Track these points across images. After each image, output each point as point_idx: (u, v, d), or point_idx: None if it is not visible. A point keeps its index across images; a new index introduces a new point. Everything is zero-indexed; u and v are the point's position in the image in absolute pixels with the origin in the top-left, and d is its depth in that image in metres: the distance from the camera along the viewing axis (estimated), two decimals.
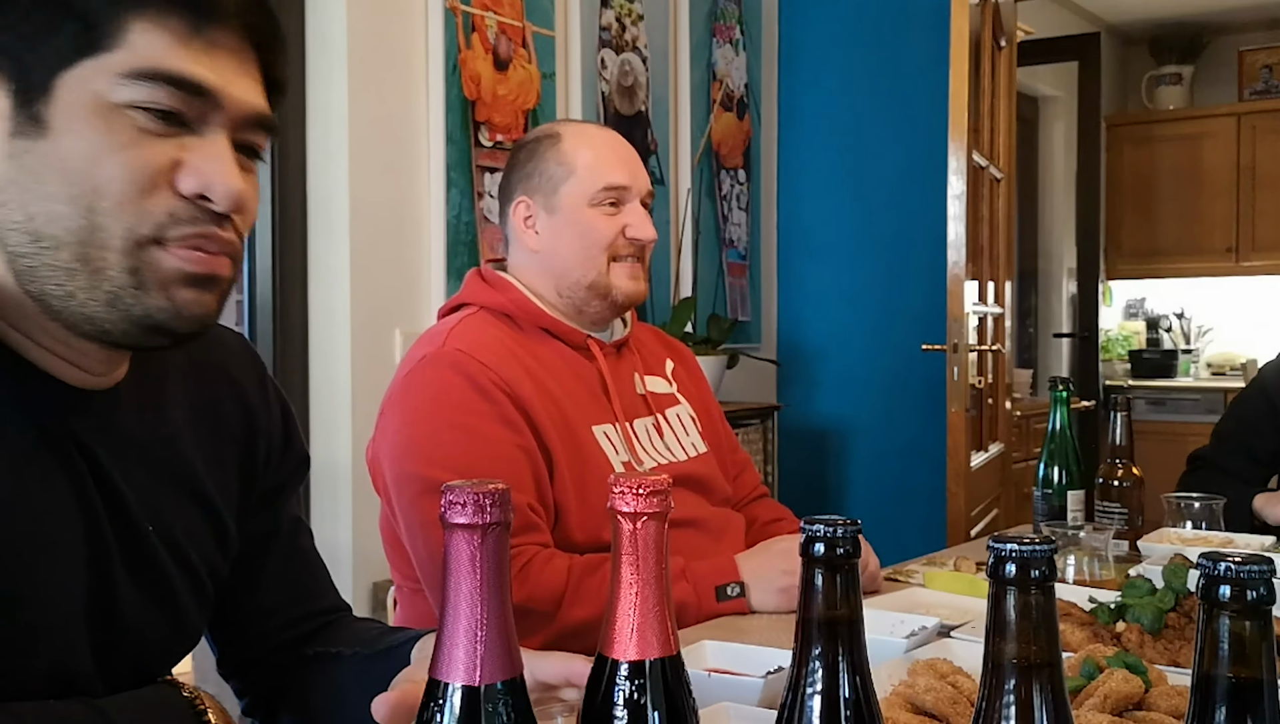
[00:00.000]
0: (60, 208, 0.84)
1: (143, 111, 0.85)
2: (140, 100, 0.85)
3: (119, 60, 0.84)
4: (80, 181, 0.84)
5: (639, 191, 1.74)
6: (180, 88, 0.86)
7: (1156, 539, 1.80)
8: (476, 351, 1.61)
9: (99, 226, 0.85)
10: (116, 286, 0.86)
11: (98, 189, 0.84)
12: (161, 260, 0.87)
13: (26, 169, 0.84)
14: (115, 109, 0.85)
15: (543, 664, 0.96)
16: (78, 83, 0.84)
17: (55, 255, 0.85)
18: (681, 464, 1.76)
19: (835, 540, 0.65)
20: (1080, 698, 1.05)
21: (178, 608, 1.02)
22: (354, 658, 1.12)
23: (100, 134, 0.84)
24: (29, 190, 0.84)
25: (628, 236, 1.72)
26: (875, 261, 4.33)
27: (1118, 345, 6.95)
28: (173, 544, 1.01)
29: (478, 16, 3.10)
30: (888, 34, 4.27)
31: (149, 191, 0.86)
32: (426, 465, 1.55)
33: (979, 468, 3.46)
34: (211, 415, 1.08)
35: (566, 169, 1.72)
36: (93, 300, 0.86)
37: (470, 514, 0.59)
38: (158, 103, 0.85)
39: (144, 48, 0.85)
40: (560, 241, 1.73)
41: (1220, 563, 0.60)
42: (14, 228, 0.85)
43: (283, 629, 1.18)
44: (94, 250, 0.85)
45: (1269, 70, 6.61)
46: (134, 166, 0.85)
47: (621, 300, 1.74)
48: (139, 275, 0.86)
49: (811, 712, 0.65)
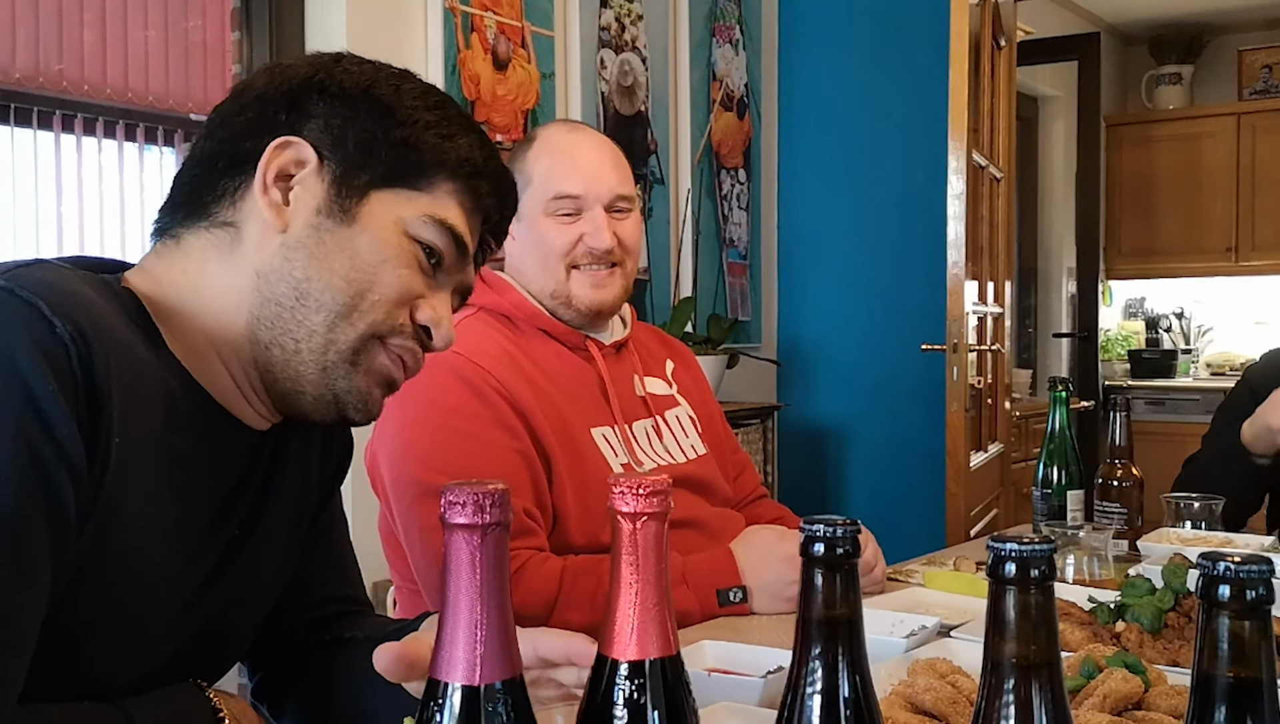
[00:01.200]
0: (338, 282, 1.00)
1: (424, 248, 1.03)
2: (427, 239, 1.03)
3: (426, 202, 1.03)
4: (363, 272, 1.00)
5: (599, 197, 1.70)
6: (454, 242, 1.04)
7: (1156, 539, 1.80)
8: (475, 355, 1.61)
9: (357, 309, 1.00)
10: (335, 359, 1.01)
11: (373, 284, 1.01)
12: (377, 355, 1.03)
13: (322, 242, 1.00)
14: (407, 237, 1.02)
15: (545, 640, 0.97)
16: (388, 203, 1.02)
17: (311, 316, 1.00)
18: (681, 466, 1.75)
19: (835, 540, 0.65)
20: (1080, 698, 1.05)
21: (250, 623, 1.12)
22: (365, 642, 1.14)
23: (391, 248, 1.01)
24: (318, 259, 1.00)
25: (586, 245, 1.70)
26: (875, 261, 4.33)
27: (1117, 345, 6.95)
28: (270, 565, 1.10)
29: (477, 17, 3.10)
30: (888, 34, 4.27)
31: (401, 306, 1.03)
32: (424, 470, 1.55)
33: (978, 468, 3.46)
34: (323, 439, 1.18)
35: (525, 177, 1.70)
36: (311, 361, 1.01)
37: (470, 515, 0.59)
38: (437, 246, 1.03)
39: (445, 203, 1.04)
40: (524, 250, 1.73)
41: (1220, 563, 0.60)
42: (287, 281, 1.00)
43: (301, 612, 1.21)
44: (341, 325, 1.00)
45: (1269, 70, 6.61)
46: (404, 284, 1.02)
47: (584, 309, 1.72)
48: (357, 358, 1.01)
49: (811, 711, 0.65)
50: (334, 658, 1.17)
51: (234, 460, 1.04)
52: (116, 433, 0.88)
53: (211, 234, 1.02)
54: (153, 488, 0.93)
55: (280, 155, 1.01)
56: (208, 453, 1.01)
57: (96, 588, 0.90)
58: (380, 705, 1.06)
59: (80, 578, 0.88)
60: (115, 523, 0.90)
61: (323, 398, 1.02)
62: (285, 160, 1.01)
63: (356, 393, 1.02)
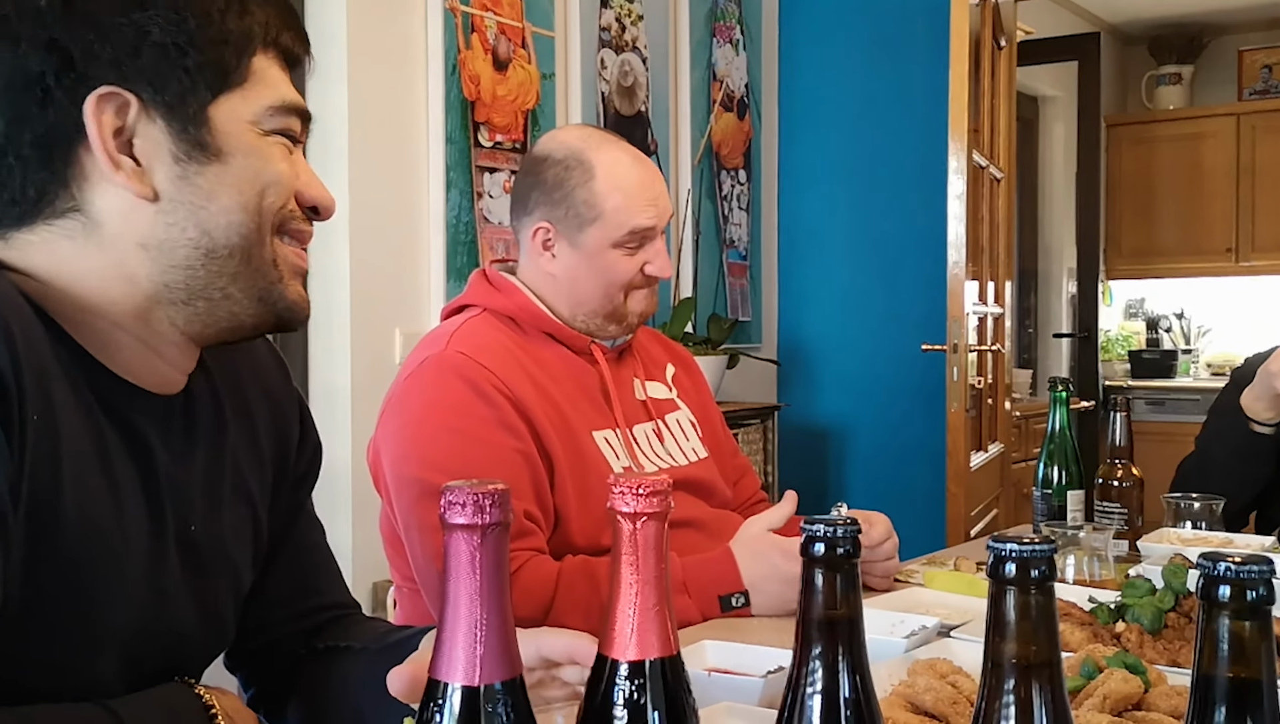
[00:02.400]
0: (236, 217, 0.95)
1: (280, 136, 0.98)
2: (282, 128, 0.98)
3: (259, 94, 0.97)
4: (251, 191, 0.96)
5: (662, 227, 1.75)
6: (300, 116, 1.00)
7: (1156, 539, 1.80)
8: (479, 355, 1.61)
9: (261, 226, 0.97)
10: (268, 281, 0.98)
11: (264, 190, 0.96)
12: (286, 254, 1.00)
13: (198, 189, 0.94)
14: (265, 135, 0.97)
15: (548, 639, 0.97)
16: (229, 112, 0.95)
17: (225, 263, 0.95)
18: (682, 468, 1.76)
19: (835, 540, 0.65)
20: (1080, 698, 1.05)
21: (219, 607, 1.07)
22: (362, 652, 1.13)
23: (262, 155, 0.97)
24: (201, 209, 0.94)
25: (645, 273, 1.73)
26: (875, 261, 4.33)
27: (1117, 345, 6.95)
28: (219, 544, 1.05)
29: (477, 17, 3.10)
30: (888, 34, 4.27)
31: (288, 199, 0.99)
32: (425, 469, 1.55)
33: (978, 468, 3.46)
34: (248, 412, 1.13)
35: (594, 211, 1.69)
36: (246, 298, 0.97)
37: (470, 514, 0.59)
38: (292, 130, 0.99)
39: (271, 83, 0.98)
40: (580, 275, 1.73)
41: (1220, 563, 0.60)
42: (185, 243, 0.94)
43: (290, 622, 1.19)
44: (256, 248, 0.97)
45: (1269, 70, 6.61)
46: (285, 178, 0.98)
47: (635, 322, 1.78)
48: (278, 266, 0.98)
49: (811, 712, 0.65)
50: (330, 667, 1.15)
51: (149, 428, 0.98)
52: (32, 410, 0.85)
53: (52, 227, 0.93)
54: (82, 464, 0.90)
55: (104, 119, 0.91)
56: (122, 424, 0.95)
57: (48, 575, 0.88)
58: (381, 713, 1.06)
59: (30, 566, 0.86)
60: (49, 504, 0.87)
61: (264, 319, 1.00)
62: (111, 120, 0.91)
63: (294, 304, 1.01)
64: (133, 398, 0.96)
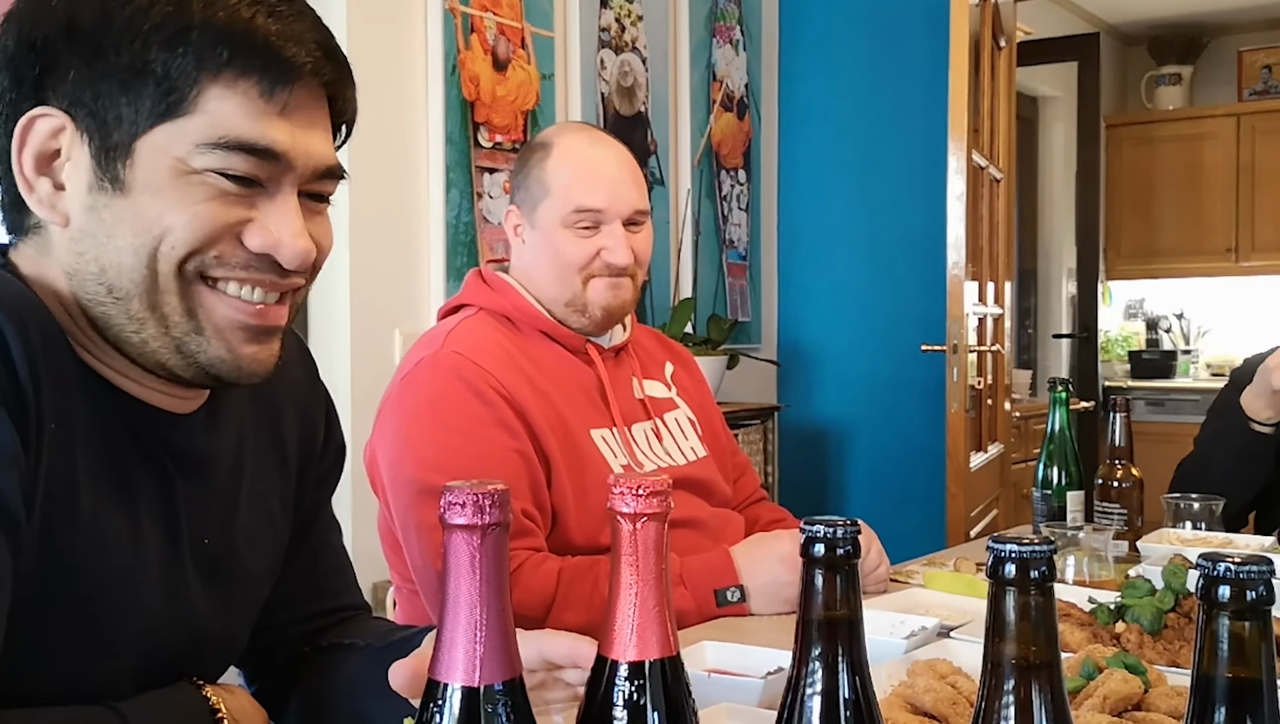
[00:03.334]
0: (128, 260, 0.88)
1: (218, 176, 0.88)
2: (218, 167, 0.88)
3: (197, 127, 0.87)
4: (145, 233, 0.87)
5: (619, 213, 1.70)
6: (255, 154, 0.88)
7: (1156, 540, 1.80)
8: (475, 355, 1.61)
9: (158, 272, 0.88)
10: (181, 333, 0.90)
11: (160, 237, 0.87)
12: (214, 306, 0.90)
13: (102, 222, 0.88)
14: (193, 173, 0.87)
15: (550, 642, 0.96)
16: (158, 147, 0.87)
17: (127, 306, 0.89)
18: (681, 467, 1.76)
19: (835, 541, 0.65)
20: (1080, 698, 1.05)
21: (234, 616, 1.07)
22: (365, 649, 1.13)
23: (176, 197, 0.87)
24: (102, 244, 0.88)
25: (604, 260, 1.70)
26: (875, 262, 4.33)
27: (1117, 346, 6.95)
28: (235, 556, 1.05)
29: (477, 17, 3.10)
30: (888, 34, 4.27)
31: (211, 244, 0.89)
32: (423, 469, 1.55)
33: (978, 468, 3.46)
34: (273, 416, 1.12)
35: (544, 187, 1.71)
36: (164, 347, 0.90)
37: (470, 515, 0.59)
38: (234, 169, 0.88)
39: (221, 115, 0.87)
40: (539, 258, 1.73)
41: (1219, 563, 0.60)
42: (90, 277, 0.89)
43: (301, 622, 1.19)
44: (157, 296, 0.88)
45: (1268, 70, 6.61)
46: (201, 221, 0.88)
47: (600, 316, 1.72)
48: (196, 319, 0.90)
49: (811, 712, 0.65)
50: (335, 664, 1.15)
51: (166, 444, 0.97)
52: (50, 419, 0.85)
53: (29, 242, 0.92)
54: (97, 476, 0.90)
55: (29, 139, 0.88)
56: (139, 439, 0.94)
57: (61, 583, 0.88)
58: (382, 711, 1.05)
59: (43, 574, 0.86)
60: (65, 514, 0.87)
61: (196, 376, 0.92)
62: (38, 142, 0.88)
63: (221, 362, 0.91)
64: (146, 417, 0.96)
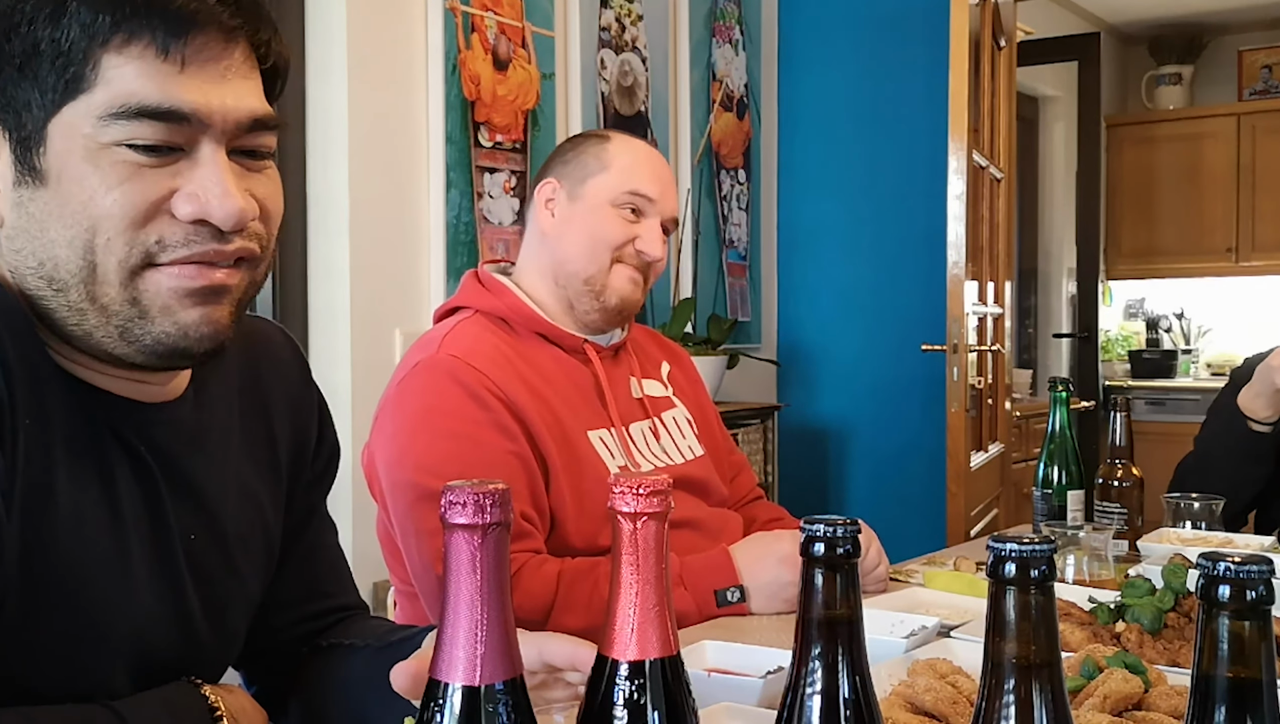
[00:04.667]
0: (63, 252, 0.86)
1: (129, 148, 0.85)
2: (125, 138, 0.85)
3: (99, 100, 0.85)
4: (77, 225, 0.85)
5: (663, 211, 1.75)
6: (160, 118, 0.85)
7: (1156, 539, 1.80)
8: (471, 357, 1.61)
9: (97, 264, 0.86)
10: (124, 320, 0.88)
11: (93, 228, 0.85)
12: (159, 283, 0.88)
13: (31, 217, 0.87)
14: (104, 149, 0.85)
15: (550, 645, 0.96)
16: (67, 128, 0.85)
17: (66, 297, 0.87)
18: (678, 467, 1.75)
19: (835, 540, 0.65)
20: (1080, 698, 1.05)
21: (226, 615, 1.06)
22: (365, 649, 1.13)
23: (93, 176, 0.85)
24: (36, 238, 0.87)
25: (636, 248, 1.73)
26: (875, 261, 4.33)
27: (1117, 345, 6.95)
28: (225, 553, 1.04)
29: (477, 17, 3.10)
30: (888, 34, 4.27)
31: (143, 223, 0.86)
32: (420, 473, 1.54)
33: (979, 468, 3.46)
34: (264, 415, 1.11)
35: (601, 164, 1.75)
36: (107, 336, 0.88)
37: (470, 514, 0.59)
38: (142, 138, 0.85)
39: (120, 83, 0.85)
40: (571, 229, 1.73)
41: (1219, 563, 0.60)
42: (29, 272, 0.88)
43: (298, 623, 1.19)
44: (96, 287, 0.87)
45: (1269, 70, 6.61)
46: (126, 202, 0.85)
47: (615, 303, 1.73)
48: (140, 304, 0.88)
49: (811, 712, 0.65)
50: (334, 665, 1.15)
51: (148, 437, 0.96)
52: (24, 415, 0.84)
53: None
54: (78, 471, 0.90)
55: None
56: (120, 433, 0.93)
57: (45, 581, 0.87)
58: (382, 711, 1.05)
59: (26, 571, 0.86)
60: (45, 509, 0.86)
61: (146, 359, 0.90)
62: None
63: (167, 336, 0.89)
64: (120, 409, 0.94)
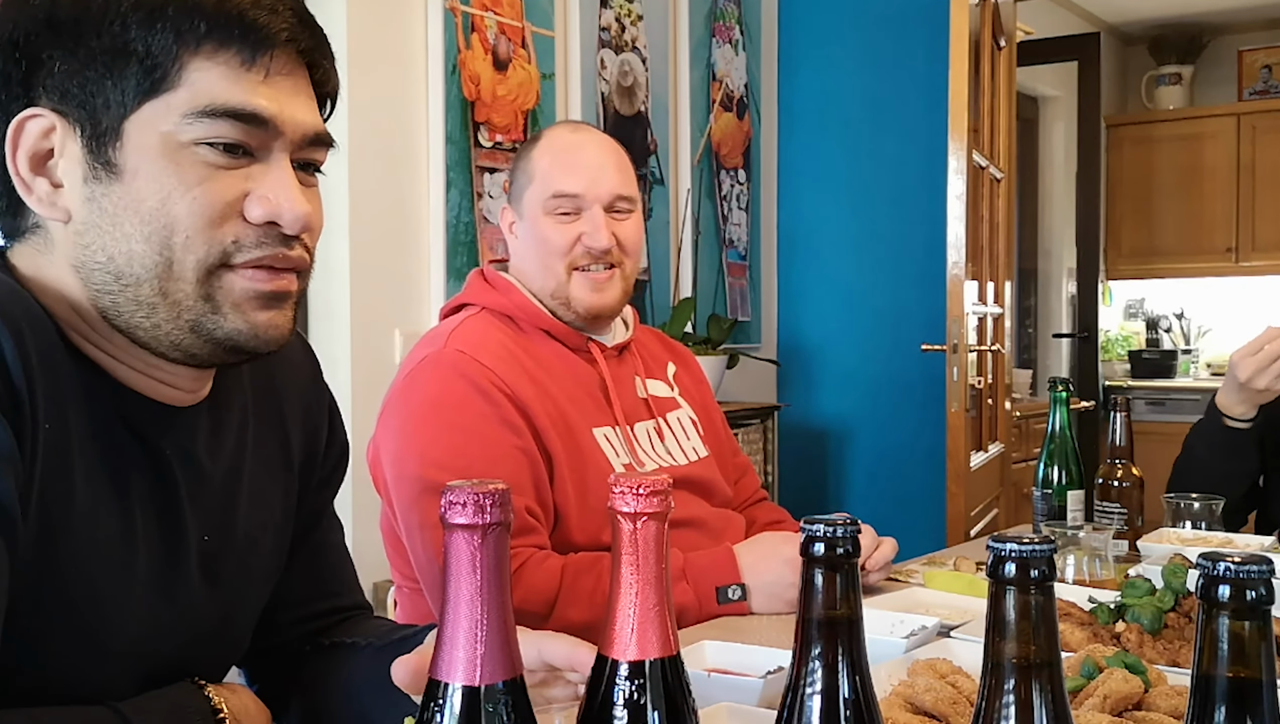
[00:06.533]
0: (138, 247, 0.89)
1: (209, 147, 0.89)
2: (206, 137, 0.89)
3: (182, 99, 0.88)
4: (155, 221, 0.88)
5: (598, 198, 1.70)
6: (242, 120, 0.90)
7: (1156, 539, 1.80)
8: (478, 353, 1.61)
9: (174, 261, 0.89)
10: (196, 315, 0.91)
11: (171, 226, 0.88)
12: (232, 283, 0.91)
13: (104, 212, 0.89)
14: (183, 147, 0.89)
15: (550, 645, 0.96)
16: (146, 125, 0.88)
17: (137, 291, 0.90)
18: (682, 467, 1.76)
19: (835, 540, 0.65)
20: (1080, 698, 1.05)
21: (235, 616, 1.07)
22: (367, 648, 1.13)
23: (171, 174, 0.88)
24: (107, 232, 0.89)
25: (584, 245, 1.70)
26: (875, 261, 4.33)
27: (1117, 345, 6.95)
28: (236, 555, 1.05)
29: (477, 17, 3.10)
30: (888, 34, 4.27)
31: (219, 224, 0.90)
32: (426, 466, 1.55)
33: (978, 468, 3.46)
34: (278, 416, 1.12)
35: (529, 175, 1.73)
36: (177, 329, 0.91)
37: (470, 514, 0.59)
38: (222, 137, 0.89)
39: (204, 85, 0.89)
40: (525, 248, 1.74)
41: (1219, 563, 0.60)
42: (97, 267, 0.90)
43: (302, 622, 1.19)
44: (171, 284, 0.89)
45: (1269, 70, 6.61)
46: (205, 202, 0.89)
47: (582, 311, 1.72)
48: (213, 301, 0.91)
49: (811, 712, 0.65)
50: (337, 664, 1.15)
51: (166, 441, 0.97)
52: (45, 420, 0.85)
53: (27, 242, 0.93)
54: (94, 475, 0.90)
55: (21, 142, 0.89)
56: (138, 436, 0.95)
57: (57, 582, 0.87)
58: (384, 710, 1.05)
59: (39, 573, 0.86)
60: (61, 514, 0.87)
61: (213, 352, 0.93)
62: (30, 144, 0.90)
63: (239, 333, 0.92)
64: (148, 411, 0.96)
